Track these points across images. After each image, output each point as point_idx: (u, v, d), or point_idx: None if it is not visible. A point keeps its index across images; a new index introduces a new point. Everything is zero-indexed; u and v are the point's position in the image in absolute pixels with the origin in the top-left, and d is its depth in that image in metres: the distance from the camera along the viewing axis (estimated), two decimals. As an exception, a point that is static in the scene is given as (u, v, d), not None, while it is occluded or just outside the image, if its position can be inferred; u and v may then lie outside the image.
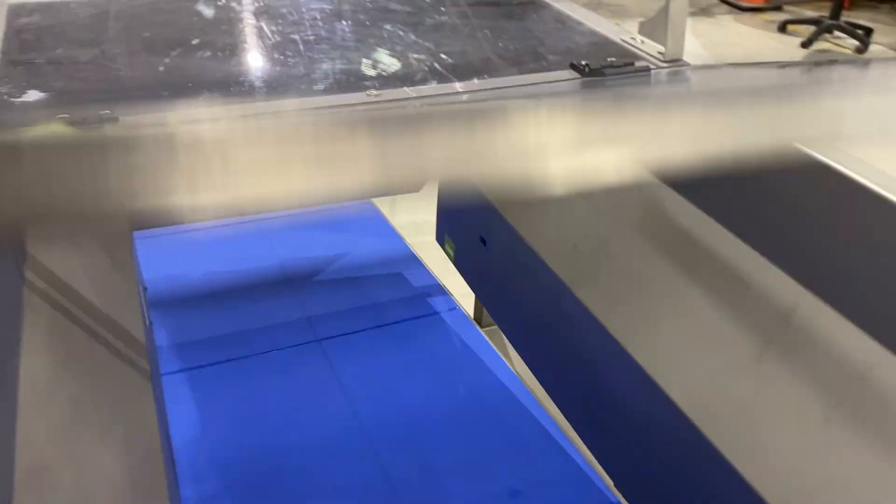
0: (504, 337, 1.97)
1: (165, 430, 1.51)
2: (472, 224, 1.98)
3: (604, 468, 1.56)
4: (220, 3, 1.36)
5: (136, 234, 2.10)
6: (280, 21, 1.31)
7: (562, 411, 1.68)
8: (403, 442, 1.83)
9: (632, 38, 1.35)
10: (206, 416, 1.85)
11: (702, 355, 1.20)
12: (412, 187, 2.05)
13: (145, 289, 2.04)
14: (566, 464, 1.76)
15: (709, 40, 4.80)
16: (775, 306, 1.06)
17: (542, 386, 1.76)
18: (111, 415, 1.03)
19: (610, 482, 1.65)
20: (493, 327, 2.21)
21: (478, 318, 2.37)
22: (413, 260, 2.53)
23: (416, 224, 2.78)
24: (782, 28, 5.03)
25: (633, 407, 1.37)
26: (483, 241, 1.92)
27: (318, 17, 1.34)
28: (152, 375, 1.35)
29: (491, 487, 1.72)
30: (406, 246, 2.62)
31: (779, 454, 1.04)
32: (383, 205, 2.90)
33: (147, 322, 1.75)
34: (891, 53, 4.64)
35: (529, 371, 1.81)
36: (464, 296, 2.32)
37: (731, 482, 1.10)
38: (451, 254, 2.18)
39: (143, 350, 1.25)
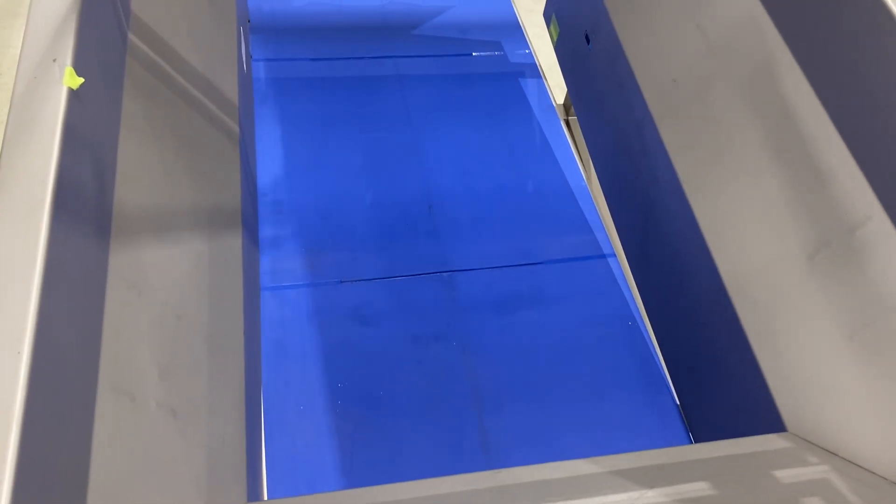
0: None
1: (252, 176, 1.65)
2: (580, 17, 1.86)
3: (639, 291, 1.66)
4: None
5: None
6: None
7: (616, 227, 1.74)
8: (458, 201, 1.97)
9: None
10: (290, 161, 1.99)
11: (758, 233, 1.21)
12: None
13: (248, 21, 2.06)
14: (601, 270, 1.87)
15: None
16: (846, 213, 1.04)
17: (607, 201, 1.80)
18: (200, 177, 1.15)
19: (640, 301, 1.76)
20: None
21: (567, 106, 2.34)
22: (517, 30, 2.43)
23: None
24: None
25: (680, 256, 1.42)
26: (587, 40, 1.82)
27: None
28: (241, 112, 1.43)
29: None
30: (513, 12, 2.49)
31: (793, 353, 1.10)
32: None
33: (246, 56, 1.81)
34: None
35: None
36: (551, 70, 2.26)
37: (744, 358, 1.19)
38: (554, 37, 2.09)
39: (236, 112, 1.33)
